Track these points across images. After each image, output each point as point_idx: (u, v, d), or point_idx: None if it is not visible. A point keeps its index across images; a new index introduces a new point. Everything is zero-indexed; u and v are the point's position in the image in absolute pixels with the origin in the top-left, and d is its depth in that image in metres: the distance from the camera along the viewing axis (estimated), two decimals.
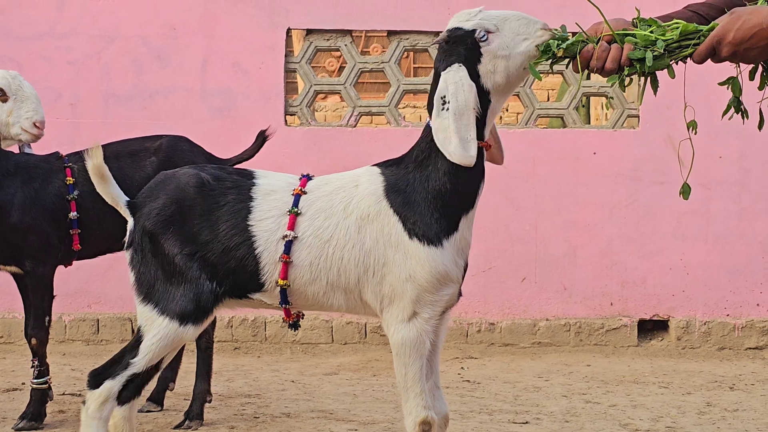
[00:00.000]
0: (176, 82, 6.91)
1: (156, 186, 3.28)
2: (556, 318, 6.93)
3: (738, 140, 6.80)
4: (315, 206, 3.16)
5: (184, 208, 3.19)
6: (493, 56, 3.01)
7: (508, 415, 4.94)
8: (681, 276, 6.94)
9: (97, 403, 3.22)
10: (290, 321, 3.29)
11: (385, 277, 3.10)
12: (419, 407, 3.10)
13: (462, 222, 3.09)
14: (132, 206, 3.27)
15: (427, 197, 3.07)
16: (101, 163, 3.26)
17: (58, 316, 6.70)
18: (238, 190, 3.21)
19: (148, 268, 3.20)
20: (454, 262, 3.09)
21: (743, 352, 6.86)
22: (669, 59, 2.87)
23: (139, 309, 3.23)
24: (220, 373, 5.94)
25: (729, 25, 2.76)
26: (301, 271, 3.14)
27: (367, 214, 3.11)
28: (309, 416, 4.87)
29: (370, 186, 3.13)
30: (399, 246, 3.07)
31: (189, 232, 3.17)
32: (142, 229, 3.21)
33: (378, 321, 6.86)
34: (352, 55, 7.06)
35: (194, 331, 3.20)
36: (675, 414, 5.04)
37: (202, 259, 3.16)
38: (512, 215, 6.89)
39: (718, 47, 2.78)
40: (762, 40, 2.74)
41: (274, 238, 3.14)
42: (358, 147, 6.86)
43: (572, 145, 6.97)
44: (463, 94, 2.97)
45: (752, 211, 6.87)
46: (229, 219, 3.17)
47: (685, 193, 3.17)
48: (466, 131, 2.98)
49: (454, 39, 3.04)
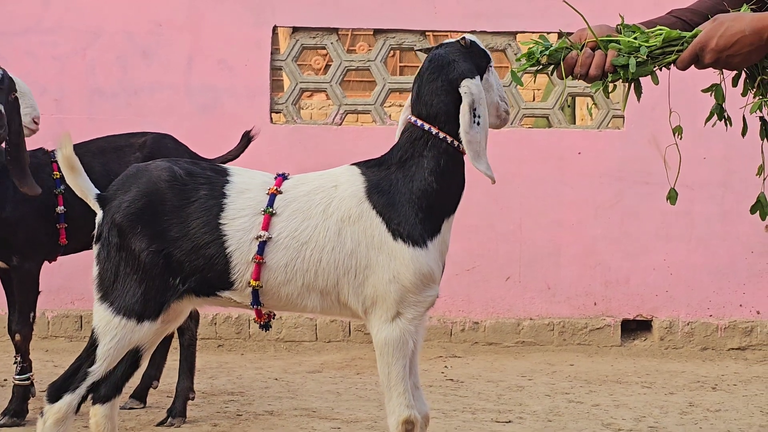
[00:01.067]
0: (162, 78, 6.90)
1: (127, 179, 3.20)
2: (540, 317, 6.94)
3: (722, 142, 6.82)
4: (292, 207, 3.11)
5: (155, 202, 3.12)
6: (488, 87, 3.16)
7: (492, 414, 4.95)
8: (664, 276, 6.96)
9: (55, 419, 3.15)
10: (261, 322, 3.26)
11: (367, 279, 3.08)
12: (402, 406, 3.10)
13: (444, 225, 3.10)
14: (102, 199, 3.19)
15: (411, 198, 3.05)
16: (71, 154, 3.18)
17: (41, 312, 6.68)
18: (210, 186, 3.14)
19: (111, 263, 3.13)
20: (437, 263, 3.10)
21: (726, 352, 6.88)
22: (652, 66, 2.88)
23: (95, 309, 3.16)
24: (204, 370, 5.93)
25: (712, 32, 2.77)
26: (275, 272, 3.10)
27: (348, 216, 3.08)
28: (292, 414, 4.86)
29: (351, 187, 3.10)
30: (383, 247, 3.05)
31: (158, 228, 3.10)
32: (110, 222, 3.14)
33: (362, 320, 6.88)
34: (338, 53, 7.06)
35: (150, 328, 3.13)
36: (657, 414, 5.05)
37: (169, 255, 3.10)
38: (497, 214, 6.90)
39: (701, 54, 2.80)
40: (744, 47, 2.75)
41: (247, 238, 3.08)
42: (343, 145, 6.86)
43: (557, 145, 6.99)
44: (485, 110, 3.07)
45: (736, 212, 6.89)
46: (200, 216, 3.10)
47: (672, 198, 3.18)
48: (485, 145, 3.07)
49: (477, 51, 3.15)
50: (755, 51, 2.76)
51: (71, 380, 3.16)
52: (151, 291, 3.10)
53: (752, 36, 2.73)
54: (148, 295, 3.10)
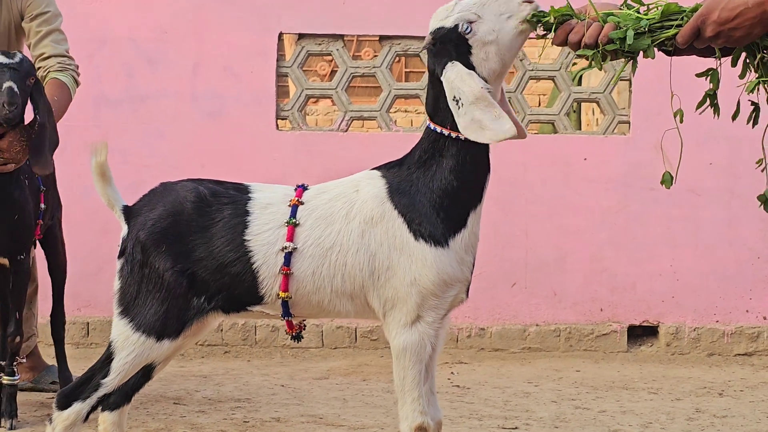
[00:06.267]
0: (167, 85, 6.90)
1: (154, 195, 3.23)
2: (546, 323, 6.93)
3: (727, 147, 6.82)
4: (314, 215, 3.12)
5: (181, 222, 3.14)
6: (482, 44, 3.00)
7: (498, 421, 4.94)
8: (671, 282, 6.95)
9: (63, 426, 3.16)
10: (293, 333, 3.26)
11: (389, 281, 3.07)
12: (416, 412, 3.08)
13: (471, 217, 3.08)
14: (128, 212, 3.23)
15: (432, 197, 3.04)
16: (104, 162, 3.20)
17: (47, 320, 6.69)
18: (234, 206, 3.16)
19: (135, 279, 3.14)
20: (459, 262, 3.07)
21: (732, 358, 6.87)
22: (650, 39, 2.84)
23: (115, 322, 3.16)
24: (210, 377, 5.94)
25: (714, 5, 2.73)
26: (304, 281, 3.10)
27: (371, 218, 3.07)
28: (299, 421, 4.86)
29: (373, 189, 3.10)
30: (404, 249, 3.04)
31: (183, 248, 3.12)
32: (135, 239, 3.16)
33: (368, 325, 6.88)
34: (344, 59, 7.07)
35: (170, 346, 3.14)
36: (664, 420, 5.04)
37: (193, 275, 3.11)
38: (502, 220, 6.90)
39: (703, 27, 2.75)
40: (747, 20, 2.71)
41: (273, 251, 3.09)
42: (349, 151, 6.86)
43: (563, 151, 6.98)
44: (467, 83, 2.96)
45: (742, 217, 6.88)
46: (225, 234, 3.12)
47: (666, 182, 3.15)
48: (490, 111, 2.95)
49: (439, 39, 3.05)
50: (758, 24, 2.71)
51: (83, 389, 3.17)
52: (174, 310, 3.12)
53: (755, 8, 2.69)
54: (170, 314, 3.11)
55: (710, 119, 3.08)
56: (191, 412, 4.98)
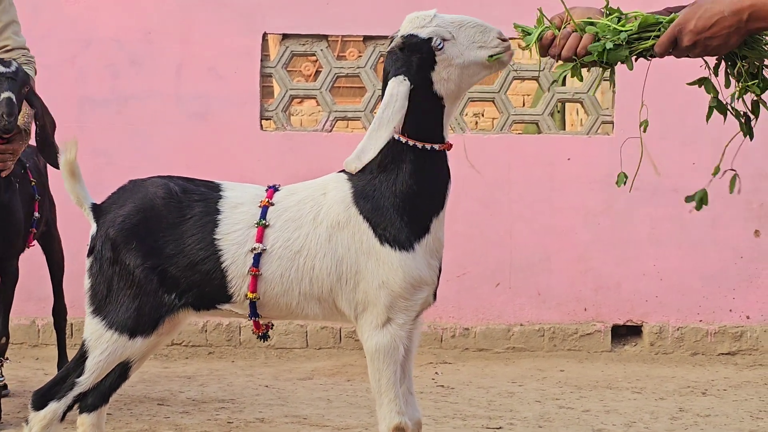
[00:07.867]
0: (152, 86, 6.89)
1: (123, 192, 3.22)
2: (530, 323, 6.95)
3: (711, 147, 6.82)
4: (283, 217, 3.12)
5: (151, 218, 3.13)
6: (448, 64, 3.00)
7: (482, 421, 4.95)
8: (655, 282, 6.97)
9: (40, 426, 3.15)
10: (260, 332, 3.27)
11: (358, 285, 3.08)
12: (393, 413, 3.10)
13: (433, 223, 3.09)
14: (96, 210, 3.21)
15: (395, 201, 3.05)
16: (74, 160, 3.19)
17: (31, 321, 6.68)
18: (205, 203, 3.15)
19: (105, 277, 3.13)
20: (427, 265, 3.09)
21: (716, 357, 6.90)
22: (627, 50, 2.84)
23: (87, 321, 3.16)
24: (194, 377, 5.93)
25: (690, 14, 2.73)
26: (272, 283, 3.11)
27: (337, 222, 3.08)
28: (283, 421, 4.86)
29: (339, 193, 3.11)
30: (371, 253, 3.05)
31: (153, 244, 3.11)
32: (104, 236, 3.15)
33: (353, 326, 6.87)
34: (328, 60, 7.07)
35: (143, 343, 3.14)
36: (648, 419, 5.06)
37: (164, 272, 3.11)
38: (487, 221, 6.91)
39: (680, 36, 2.74)
40: (723, 29, 2.69)
41: (242, 251, 3.10)
42: (333, 152, 6.84)
43: (547, 151, 6.99)
44: (391, 110, 2.96)
45: (725, 217, 6.91)
46: (195, 232, 3.12)
47: (619, 181, 3.18)
48: (377, 142, 2.96)
49: (409, 46, 3.04)
50: (734, 33, 2.70)
51: (57, 388, 3.17)
52: (145, 307, 3.11)
53: (731, 17, 2.68)
54: (141, 311, 3.11)
55: (693, 120, 3.10)
56: (175, 413, 4.98)
